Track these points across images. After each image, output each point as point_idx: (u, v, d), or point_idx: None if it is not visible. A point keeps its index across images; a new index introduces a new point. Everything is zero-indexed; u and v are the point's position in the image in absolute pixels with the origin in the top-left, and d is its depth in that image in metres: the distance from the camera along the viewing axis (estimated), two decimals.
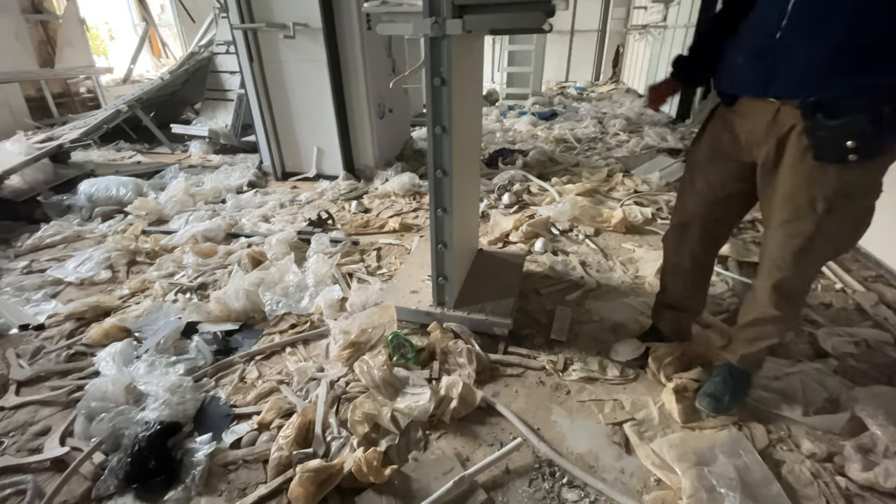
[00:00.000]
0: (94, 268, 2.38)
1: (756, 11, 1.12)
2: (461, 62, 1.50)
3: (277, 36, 3.31)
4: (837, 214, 1.06)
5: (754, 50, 1.09)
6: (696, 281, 1.52)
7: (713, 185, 1.31)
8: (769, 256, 1.21)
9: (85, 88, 6.06)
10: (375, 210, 3.18)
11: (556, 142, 4.91)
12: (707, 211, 1.34)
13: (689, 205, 1.39)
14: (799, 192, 1.08)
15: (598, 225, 2.81)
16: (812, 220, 1.08)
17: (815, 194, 1.06)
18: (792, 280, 1.19)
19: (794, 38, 1.00)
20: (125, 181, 3.28)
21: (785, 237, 1.14)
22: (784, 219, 1.13)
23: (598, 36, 9.89)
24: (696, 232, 1.40)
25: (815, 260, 1.16)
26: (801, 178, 1.07)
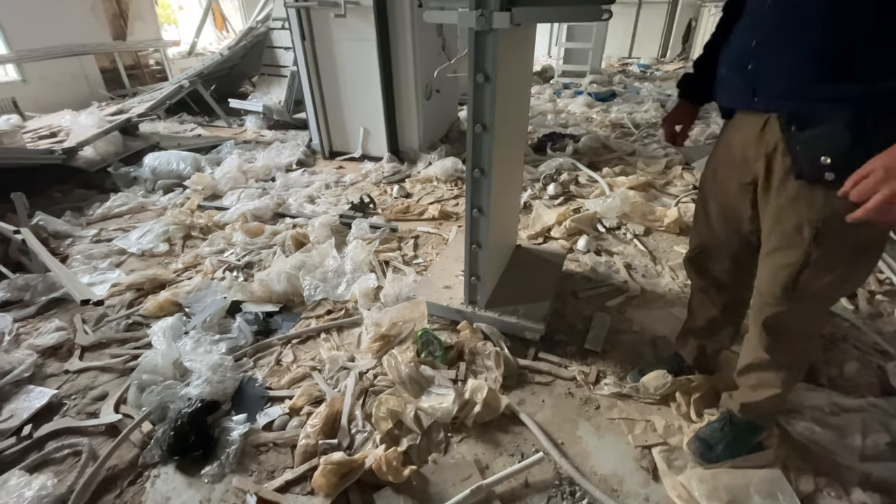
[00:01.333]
0: (154, 240, 2.54)
1: (738, 22, 1.01)
2: (508, 56, 1.42)
3: (329, 14, 3.29)
4: (829, 243, 0.92)
5: (736, 59, 1.00)
6: (724, 309, 1.34)
7: (724, 207, 1.16)
8: (758, 290, 1.08)
9: (154, 61, 6.39)
10: (416, 195, 3.17)
11: (611, 126, 4.64)
12: (724, 235, 1.19)
13: (703, 229, 1.25)
14: (785, 215, 0.96)
15: (649, 223, 2.65)
16: (800, 249, 0.95)
17: (800, 219, 0.93)
18: (784, 319, 1.05)
19: (770, 43, 0.91)
20: (185, 156, 3.46)
21: (773, 268, 1.01)
22: (772, 247, 1.01)
23: (669, 8, 9.12)
24: (716, 257, 1.25)
25: (810, 297, 1.00)
26: (786, 201, 0.94)
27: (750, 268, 1.18)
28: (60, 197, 3.22)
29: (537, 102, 5.66)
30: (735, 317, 1.38)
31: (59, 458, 1.37)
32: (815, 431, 1.35)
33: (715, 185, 1.17)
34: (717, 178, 1.16)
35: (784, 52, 0.89)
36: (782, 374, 1.14)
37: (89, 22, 5.45)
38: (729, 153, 1.09)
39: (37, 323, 1.95)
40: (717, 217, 1.19)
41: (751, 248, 1.15)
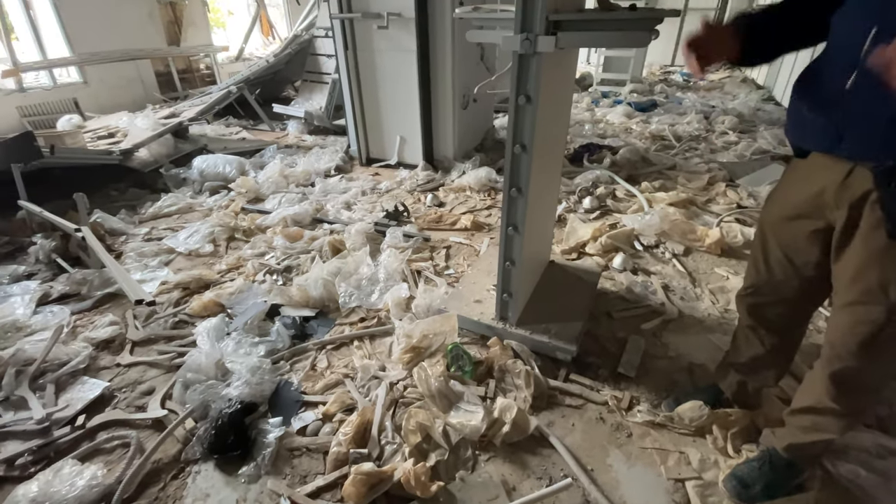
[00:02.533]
0: (200, 241, 2.67)
1: (824, 54, 0.93)
2: (550, 77, 1.42)
3: (372, 26, 3.37)
4: None
5: (822, 101, 0.93)
6: (773, 350, 1.28)
7: (787, 249, 1.10)
8: (830, 341, 1.02)
9: (204, 65, 6.70)
10: (449, 204, 3.19)
11: (651, 138, 4.53)
12: (783, 277, 1.13)
13: (761, 269, 1.18)
14: (870, 270, 0.90)
15: (689, 243, 2.57)
16: (883, 308, 0.89)
17: (889, 277, 0.87)
18: (856, 374, 0.99)
19: (869, 90, 0.82)
20: (231, 159, 3.61)
21: (851, 322, 0.95)
22: (851, 300, 0.95)
23: (716, 14, 8.80)
24: (771, 299, 1.19)
25: (888, 355, 0.95)
26: (874, 255, 0.88)
27: (806, 312, 1.13)
28: (116, 195, 3.43)
29: (575, 111, 5.59)
30: (783, 359, 1.32)
31: (109, 449, 1.46)
32: (859, 475, 1.28)
33: (779, 224, 1.11)
34: (782, 218, 1.10)
35: (885, 100, 0.80)
36: (842, 422, 1.09)
37: (146, 28, 5.77)
38: (800, 194, 1.03)
39: (92, 316, 2.09)
40: (778, 258, 1.14)
41: (811, 294, 1.10)
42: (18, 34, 5.04)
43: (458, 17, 1.60)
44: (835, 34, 0.92)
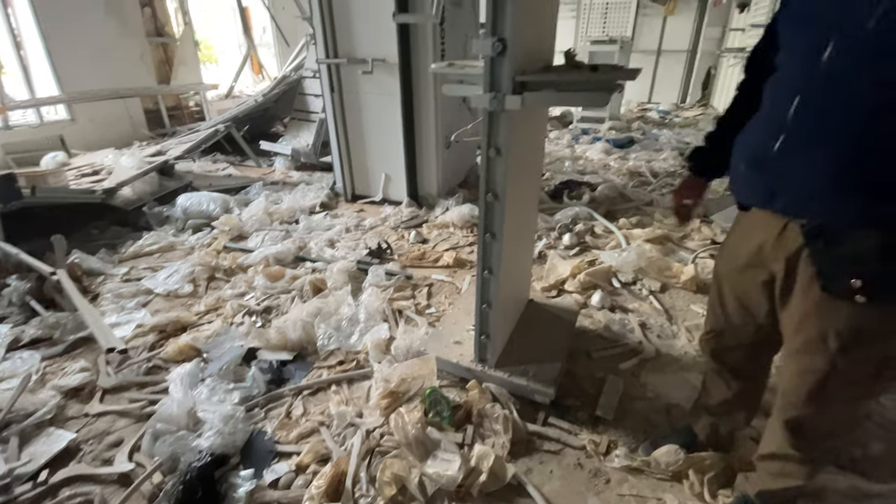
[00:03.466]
0: (180, 281, 2.65)
1: (758, 115, 0.99)
2: (520, 130, 1.48)
3: (357, 70, 3.49)
4: (856, 356, 0.89)
5: (755, 158, 0.98)
6: (739, 394, 1.29)
7: (741, 297, 1.12)
8: (782, 389, 1.05)
9: (193, 102, 6.81)
10: (433, 241, 3.23)
11: (629, 174, 4.67)
12: (740, 322, 1.15)
13: (719, 314, 1.21)
14: (810, 321, 0.93)
15: (665, 279, 2.62)
16: (825, 358, 0.92)
17: (826, 329, 0.90)
18: (809, 421, 1.01)
19: (796, 150, 0.88)
20: (215, 197, 3.63)
21: (798, 370, 0.99)
22: (796, 348, 0.98)
23: (688, 56, 9.29)
24: (731, 343, 1.22)
25: (838, 402, 0.96)
26: (812, 307, 0.92)
27: (766, 357, 1.15)
28: (97, 234, 3.41)
29: (555, 148, 5.77)
30: (751, 402, 1.34)
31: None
32: None
33: (731, 274, 1.15)
34: (733, 268, 1.13)
35: (814, 159, 0.86)
36: (807, 468, 1.10)
37: (137, 67, 5.88)
38: (745, 246, 1.07)
39: (63, 362, 2.04)
40: (734, 305, 1.16)
41: (768, 339, 1.12)
42: (8, 72, 5.10)
43: (433, 71, 1.67)
44: (766, 98, 0.98)
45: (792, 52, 0.92)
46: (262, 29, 8.03)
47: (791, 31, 0.94)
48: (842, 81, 0.81)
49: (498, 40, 1.25)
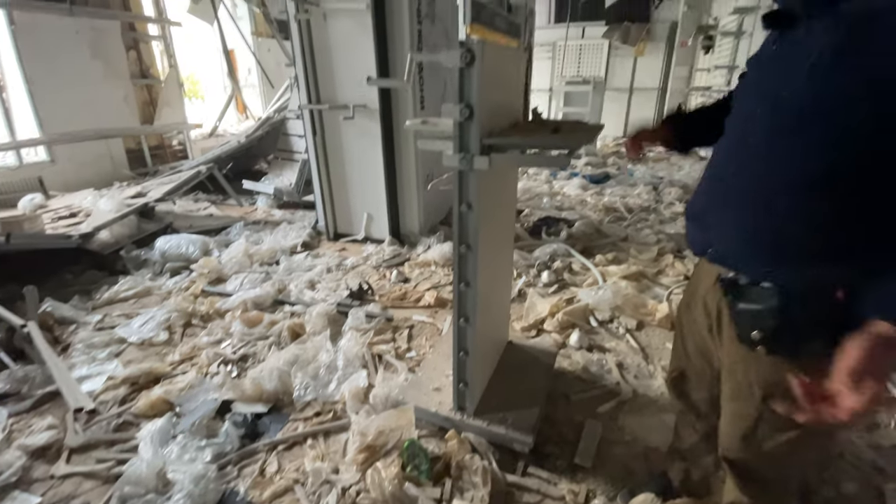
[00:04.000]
0: (155, 328, 2.60)
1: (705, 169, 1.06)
2: (491, 184, 1.55)
3: (339, 115, 3.59)
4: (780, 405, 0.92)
5: (693, 211, 1.06)
6: (705, 437, 1.31)
7: (696, 339, 1.17)
8: (721, 432, 1.09)
9: (177, 141, 6.85)
10: (414, 280, 3.25)
11: (605, 210, 4.81)
12: (700, 365, 1.19)
13: (681, 354, 1.25)
14: (737, 370, 0.98)
15: (641, 317, 2.68)
16: (752, 405, 0.96)
17: (750, 378, 0.95)
18: (751, 465, 1.04)
19: (718, 209, 0.96)
20: (195, 239, 3.62)
21: (731, 415, 1.03)
22: (728, 394, 1.03)
23: (659, 94, 9.76)
24: (693, 384, 1.25)
25: (775, 448, 0.97)
26: (736, 356, 0.97)
27: None
28: (71, 279, 3.34)
29: (534, 184, 5.93)
30: (717, 446, 1.36)
31: None
32: None
33: (689, 316, 1.20)
34: (689, 310, 1.19)
35: (730, 218, 0.94)
36: None
37: (121, 108, 5.93)
38: (696, 291, 1.13)
39: (31, 419, 1.96)
40: (692, 346, 1.21)
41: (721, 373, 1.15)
42: None
43: (408, 128, 1.74)
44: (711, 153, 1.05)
45: (731, 115, 1.00)
46: (247, 70, 8.22)
47: (735, 98, 1.02)
48: (753, 150, 0.89)
49: (465, 106, 1.33)
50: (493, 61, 1.40)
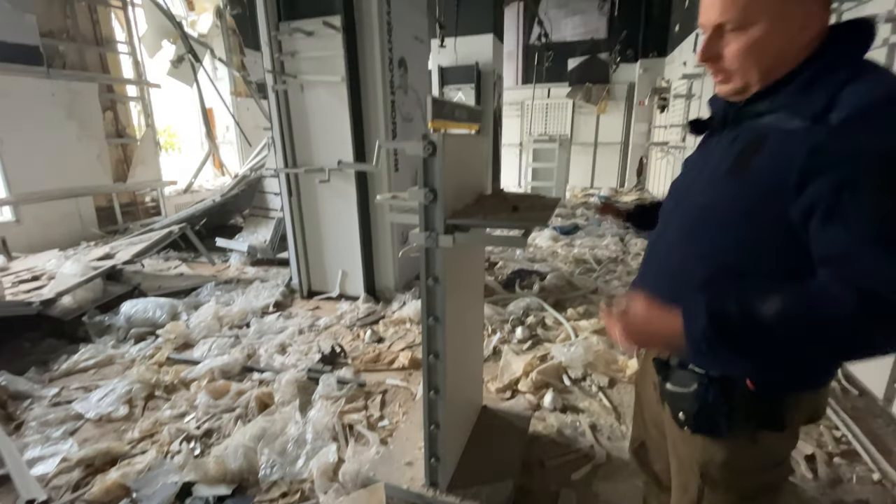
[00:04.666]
0: (115, 402, 2.48)
1: None
2: (458, 256, 1.61)
3: (315, 177, 3.68)
4: (720, 489, 0.94)
5: (633, 288, 1.10)
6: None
7: (649, 406, 1.20)
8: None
9: (150, 198, 6.82)
10: (389, 339, 3.24)
11: (575, 262, 4.97)
12: (657, 436, 1.20)
13: (640, 424, 1.28)
14: (676, 445, 1.01)
15: (613, 374, 2.72)
16: (693, 480, 0.98)
17: (688, 457, 0.98)
18: None
19: (649, 288, 1.00)
20: (162, 303, 3.54)
21: (677, 488, 1.05)
22: (674, 468, 1.05)
23: (622, 147, 10.39)
24: (653, 454, 1.27)
25: None
26: (675, 433, 1.00)
27: None
28: (29, 347, 3.19)
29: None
30: None
31: None
32: None
33: (643, 387, 1.23)
34: (643, 381, 1.22)
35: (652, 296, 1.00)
36: None
37: (93, 167, 5.91)
38: (647, 364, 1.16)
39: None
40: (649, 418, 1.23)
41: None
42: None
43: (378, 202, 1.82)
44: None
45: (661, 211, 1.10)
46: (225, 127, 8.39)
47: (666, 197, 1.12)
48: (668, 247, 0.98)
49: (430, 191, 1.41)
50: (454, 147, 1.51)
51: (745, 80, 0.83)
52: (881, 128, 0.69)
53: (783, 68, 0.81)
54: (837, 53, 0.79)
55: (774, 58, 0.80)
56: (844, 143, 0.70)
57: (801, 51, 0.80)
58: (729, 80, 0.85)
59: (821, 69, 0.78)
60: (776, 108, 0.80)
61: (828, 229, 0.71)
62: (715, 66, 0.85)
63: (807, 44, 0.80)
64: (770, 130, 0.80)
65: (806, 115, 0.75)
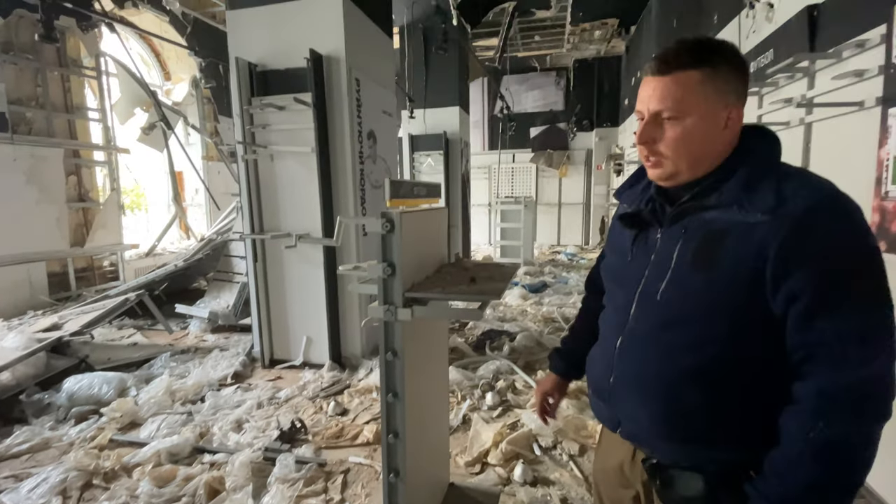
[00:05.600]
0: (47, 493, 2.24)
1: (598, 341, 1.09)
2: (420, 328, 1.62)
3: (282, 242, 3.68)
4: None
5: (599, 389, 1.05)
6: None
7: (614, 499, 1.14)
8: None
9: (108, 262, 6.57)
10: (353, 411, 3.10)
11: (544, 321, 5.02)
12: None
13: None
14: None
15: (583, 440, 2.68)
16: None
17: None
18: None
19: (624, 390, 0.97)
20: (110, 378, 3.31)
21: None
22: None
23: (584, 207, 10.93)
24: None
25: None
26: None
27: None
28: None
29: None
30: None
31: None
32: None
33: (604, 481, 1.17)
34: (604, 476, 1.16)
35: (636, 402, 0.95)
36: None
37: (51, 232, 5.71)
38: (610, 460, 1.11)
39: None
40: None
41: None
42: None
43: (340, 273, 1.84)
44: (601, 326, 1.11)
45: (611, 297, 1.09)
46: (195, 190, 8.37)
47: (608, 280, 1.13)
48: (644, 340, 0.94)
49: (388, 265, 1.45)
50: (413, 223, 1.56)
51: (676, 168, 0.89)
52: (841, 222, 0.78)
53: (709, 161, 0.89)
54: (763, 155, 0.88)
55: (702, 150, 0.88)
56: (815, 237, 0.77)
57: (724, 147, 0.89)
58: (660, 164, 0.91)
59: (756, 170, 0.85)
60: (724, 203, 0.86)
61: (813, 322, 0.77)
62: (650, 149, 0.90)
63: (729, 141, 0.89)
64: (728, 224, 0.84)
65: (760, 209, 0.81)
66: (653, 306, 0.93)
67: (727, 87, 0.85)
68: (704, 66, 0.84)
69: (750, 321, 0.82)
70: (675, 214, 0.92)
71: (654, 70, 0.87)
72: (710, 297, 0.85)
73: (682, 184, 0.92)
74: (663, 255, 0.92)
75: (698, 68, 0.84)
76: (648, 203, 0.99)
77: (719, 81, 0.85)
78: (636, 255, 0.99)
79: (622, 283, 1.03)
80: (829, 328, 0.76)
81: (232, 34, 3.69)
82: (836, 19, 2.41)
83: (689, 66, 0.84)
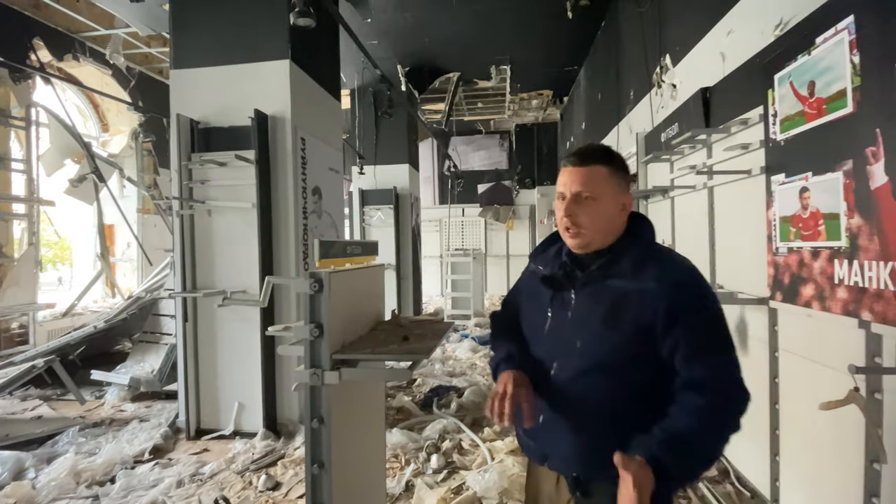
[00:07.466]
0: None
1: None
2: (353, 392, 1.57)
3: (215, 301, 3.50)
4: None
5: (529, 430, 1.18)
6: None
7: None
8: None
9: (18, 324, 5.91)
10: (287, 484, 2.86)
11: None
12: None
13: None
14: None
15: None
16: None
17: None
18: None
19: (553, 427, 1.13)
20: (5, 458, 2.89)
21: None
22: None
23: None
24: None
25: None
26: None
27: None
28: None
29: None
30: None
31: None
32: None
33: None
34: (534, 499, 1.29)
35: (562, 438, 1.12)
36: None
37: None
38: (539, 491, 1.25)
39: None
40: None
41: None
42: None
43: (269, 333, 1.77)
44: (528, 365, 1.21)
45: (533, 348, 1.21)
46: (126, 244, 7.88)
47: (530, 333, 1.24)
48: (568, 385, 1.11)
49: (315, 326, 1.42)
50: (344, 283, 1.56)
51: (591, 238, 1.12)
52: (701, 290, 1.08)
53: (613, 235, 1.14)
54: (647, 239, 1.16)
55: (610, 226, 1.13)
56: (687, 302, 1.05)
57: (622, 225, 1.16)
58: (579, 235, 1.12)
59: (645, 250, 1.13)
60: (622, 273, 1.10)
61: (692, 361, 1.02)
62: (572, 221, 1.11)
63: (624, 220, 1.16)
64: (627, 290, 1.08)
65: (647, 279, 1.07)
66: (573, 357, 1.11)
67: (622, 181, 1.14)
68: (608, 164, 1.12)
69: (647, 362, 1.06)
70: (584, 281, 1.13)
71: (575, 163, 1.13)
72: (620, 348, 1.06)
73: (592, 252, 1.14)
74: (579, 314, 1.13)
75: (605, 165, 1.12)
76: (561, 268, 1.18)
77: (617, 176, 1.13)
78: (555, 313, 1.18)
79: (543, 340, 1.19)
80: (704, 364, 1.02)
81: (175, 92, 3.68)
82: (724, 100, 2.80)
83: (599, 162, 1.12)
